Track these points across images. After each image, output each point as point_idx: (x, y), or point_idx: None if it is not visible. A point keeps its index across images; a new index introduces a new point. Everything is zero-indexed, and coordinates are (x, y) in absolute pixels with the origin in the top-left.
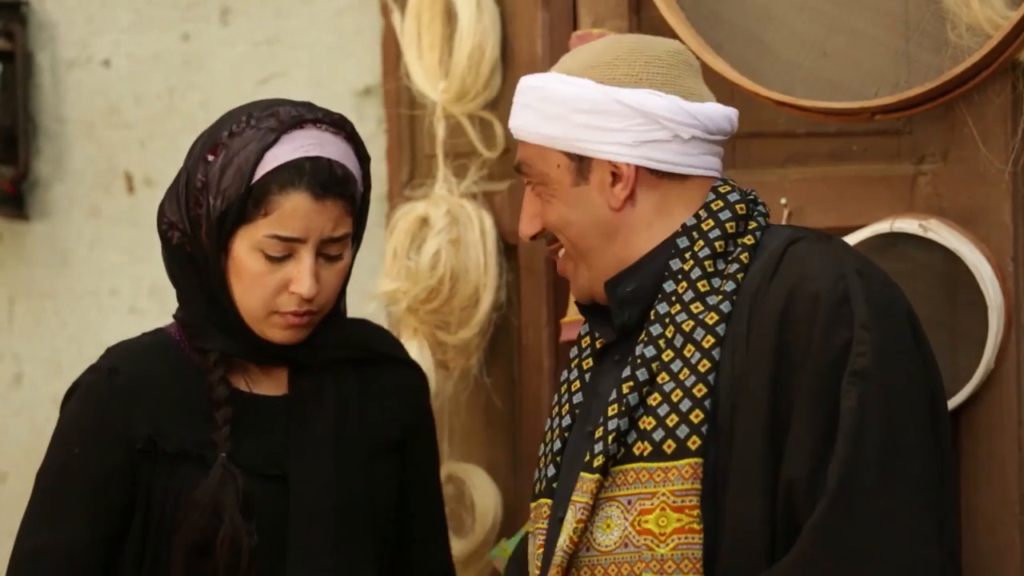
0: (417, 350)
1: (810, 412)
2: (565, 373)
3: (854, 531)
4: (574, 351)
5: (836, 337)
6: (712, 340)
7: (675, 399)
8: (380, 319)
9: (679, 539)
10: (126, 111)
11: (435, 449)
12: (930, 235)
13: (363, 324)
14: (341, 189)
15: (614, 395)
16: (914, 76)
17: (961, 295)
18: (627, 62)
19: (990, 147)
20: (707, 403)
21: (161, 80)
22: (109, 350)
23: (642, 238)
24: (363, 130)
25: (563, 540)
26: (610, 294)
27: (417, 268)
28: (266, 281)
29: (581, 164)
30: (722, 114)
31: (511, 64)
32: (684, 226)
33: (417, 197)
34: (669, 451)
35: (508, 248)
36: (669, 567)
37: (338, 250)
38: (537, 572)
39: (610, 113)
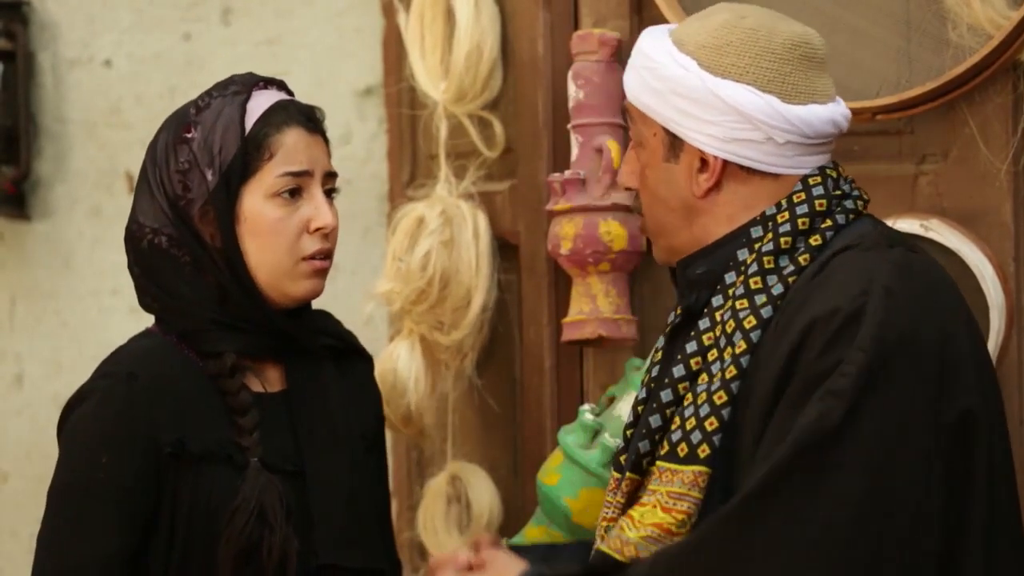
0: (408, 350)
1: (773, 425)
2: (660, 338)
3: (742, 539)
4: (671, 315)
5: (832, 355)
6: (744, 346)
7: (700, 402)
8: (380, 319)
9: (651, 531)
10: (127, 111)
11: (385, 441)
12: (931, 235)
13: (327, 315)
14: (322, 127)
15: (642, 393)
16: (915, 76)
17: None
18: (737, 51)
19: (991, 147)
20: (725, 412)
21: (162, 80)
22: (113, 355)
23: (722, 226)
24: (364, 130)
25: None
26: (680, 274)
27: (408, 269)
28: (287, 225)
29: (675, 142)
30: (825, 118)
31: (512, 64)
32: (763, 215)
33: (419, 197)
34: (682, 455)
35: (509, 248)
36: (629, 550)
37: (334, 185)
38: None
39: (706, 104)
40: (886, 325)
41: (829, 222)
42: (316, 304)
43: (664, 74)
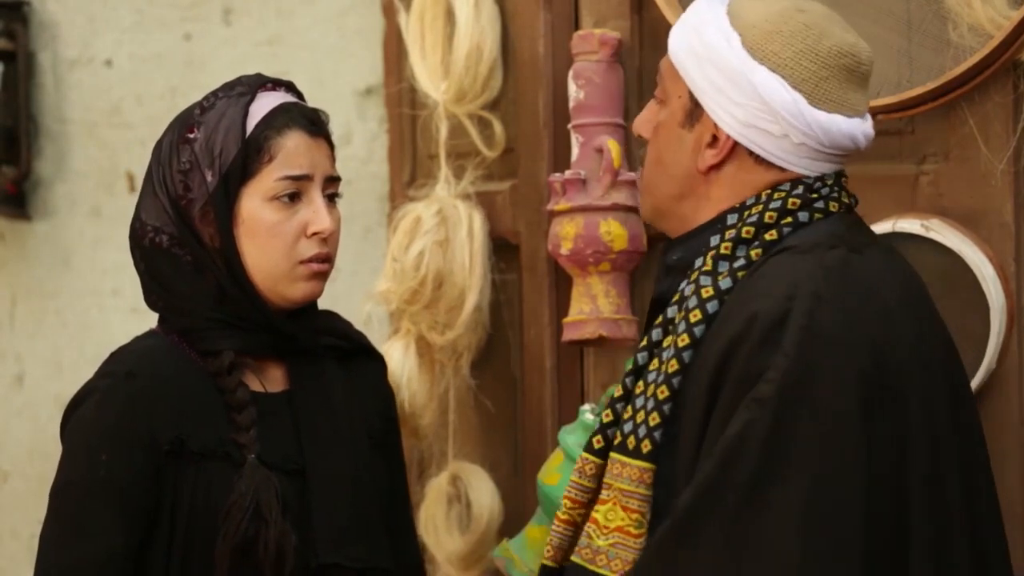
0: (402, 350)
1: (711, 437)
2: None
3: (679, 562)
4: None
5: (757, 361)
6: (687, 340)
7: (648, 394)
8: (379, 319)
9: (617, 537)
10: (128, 111)
11: (401, 442)
12: (932, 235)
13: (334, 315)
14: (325, 131)
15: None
16: (916, 76)
17: (963, 295)
18: (783, 41)
19: (992, 147)
20: (666, 407)
21: (163, 80)
22: (113, 355)
23: (708, 210)
24: (365, 130)
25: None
26: (660, 259)
27: (402, 269)
28: (285, 229)
29: (695, 110)
30: (845, 131)
31: (512, 64)
32: (742, 204)
33: (420, 197)
34: (630, 447)
35: (510, 248)
36: (601, 560)
37: (336, 189)
38: None
39: (737, 84)
40: (809, 329)
41: (790, 219)
42: (317, 304)
43: (708, 40)
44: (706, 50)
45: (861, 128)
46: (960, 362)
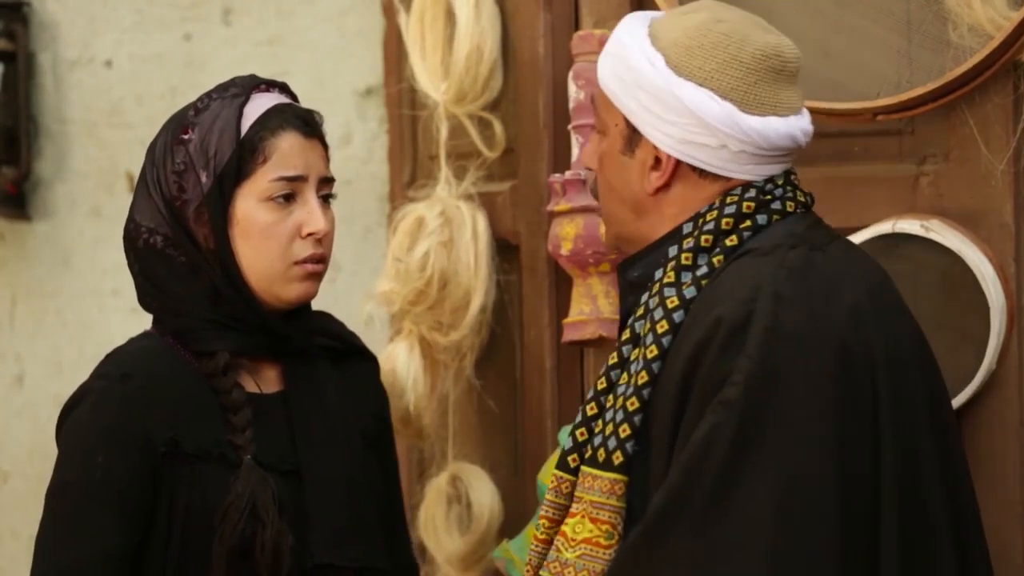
0: (407, 351)
1: (680, 443)
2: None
3: (651, 562)
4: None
5: (722, 365)
6: (655, 351)
7: (617, 407)
8: (380, 320)
9: (585, 549)
10: (128, 111)
11: (394, 442)
12: (932, 235)
13: (328, 316)
14: (320, 132)
15: (591, 392)
16: (916, 76)
17: (963, 295)
18: (705, 55)
19: (992, 147)
20: (637, 419)
21: (163, 80)
22: (109, 357)
23: (665, 225)
24: (365, 130)
25: (532, 538)
26: (620, 276)
27: (407, 269)
28: (279, 230)
29: (633, 136)
30: (782, 132)
31: (512, 65)
32: (696, 214)
33: (420, 198)
34: (600, 459)
35: (510, 248)
36: (569, 572)
37: (331, 190)
38: None
39: (667, 104)
40: (773, 330)
41: (748, 223)
42: (316, 305)
43: (633, 65)
44: (632, 75)
45: (798, 125)
46: (933, 358)
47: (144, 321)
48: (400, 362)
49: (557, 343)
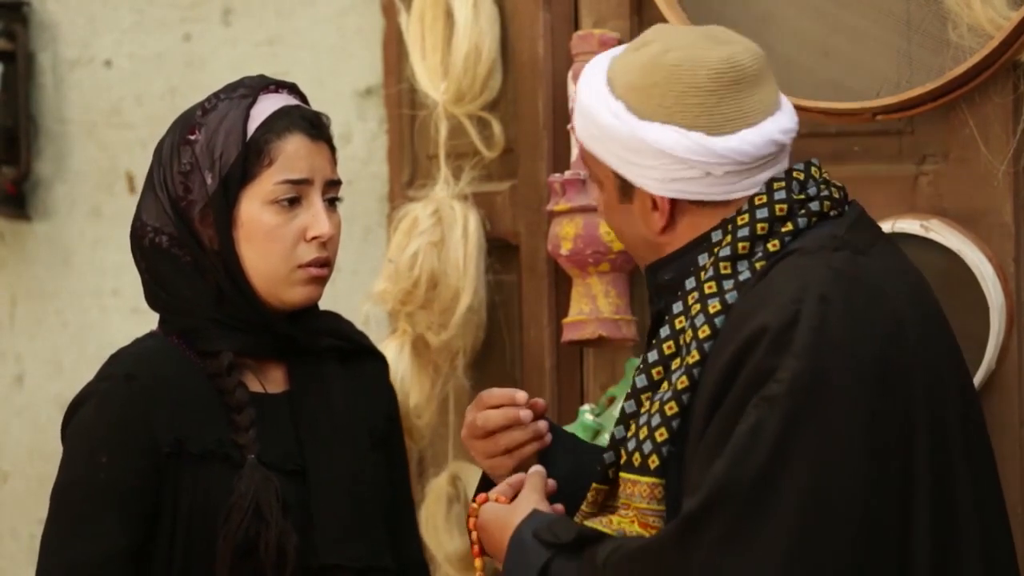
0: (397, 351)
1: (711, 434)
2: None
3: (688, 557)
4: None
5: (767, 363)
6: (697, 356)
7: (653, 411)
8: (378, 319)
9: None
10: (128, 111)
11: (404, 441)
12: (931, 235)
13: (336, 316)
14: (327, 134)
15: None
16: (915, 76)
17: (962, 295)
18: (662, 91)
19: (991, 147)
20: (675, 423)
21: (163, 80)
22: (113, 357)
23: (687, 239)
24: (364, 130)
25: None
26: (649, 279)
27: (397, 269)
28: (284, 232)
29: (625, 185)
30: (759, 141)
31: (512, 65)
32: (723, 220)
33: (419, 198)
34: (636, 464)
35: (509, 248)
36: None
37: (337, 193)
38: None
39: (639, 150)
40: (820, 333)
41: (789, 226)
42: (318, 305)
43: (599, 121)
44: (601, 131)
45: (775, 127)
46: (964, 361)
47: (144, 321)
48: (389, 361)
49: (557, 343)
